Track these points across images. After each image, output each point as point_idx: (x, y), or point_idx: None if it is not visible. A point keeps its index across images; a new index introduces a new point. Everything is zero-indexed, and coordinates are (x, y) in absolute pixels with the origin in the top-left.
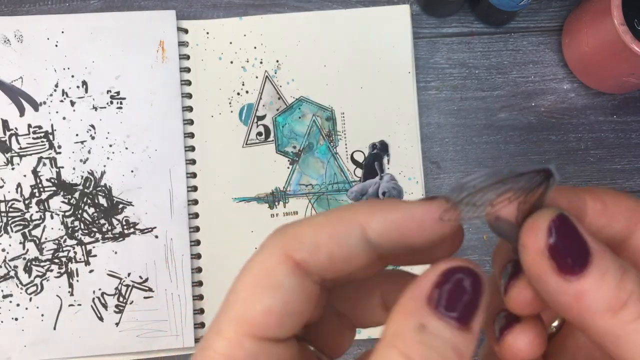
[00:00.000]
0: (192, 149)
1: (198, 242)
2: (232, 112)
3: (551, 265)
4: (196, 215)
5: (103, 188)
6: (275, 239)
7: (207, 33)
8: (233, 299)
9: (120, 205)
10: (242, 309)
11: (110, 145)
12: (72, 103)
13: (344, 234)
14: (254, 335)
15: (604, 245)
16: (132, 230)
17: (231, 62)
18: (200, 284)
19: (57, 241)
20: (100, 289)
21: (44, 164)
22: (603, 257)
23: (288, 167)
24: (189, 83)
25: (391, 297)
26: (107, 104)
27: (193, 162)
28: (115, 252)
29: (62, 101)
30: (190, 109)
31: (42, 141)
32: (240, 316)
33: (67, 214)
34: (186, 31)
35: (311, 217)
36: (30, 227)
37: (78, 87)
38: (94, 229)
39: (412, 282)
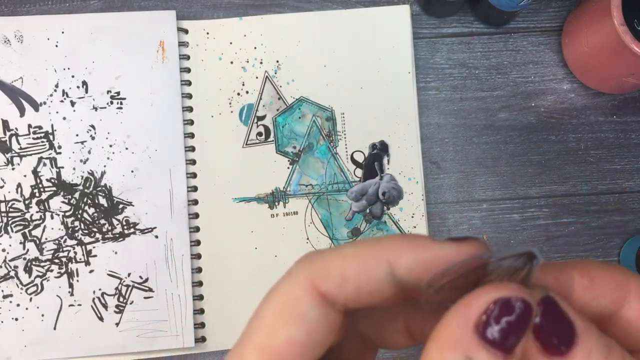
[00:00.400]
0: (192, 149)
1: (198, 242)
2: (232, 112)
3: (536, 346)
4: (196, 216)
5: (103, 188)
6: (302, 267)
7: (207, 33)
8: (256, 326)
9: (121, 206)
10: (266, 337)
11: (111, 146)
12: (73, 103)
13: (372, 268)
14: None
15: (590, 323)
16: (132, 230)
17: (231, 63)
18: (200, 284)
19: (57, 241)
20: (100, 289)
21: (44, 164)
22: (588, 335)
23: (288, 167)
24: (189, 83)
25: (415, 323)
26: (107, 104)
27: (193, 162)
28: (116, 252)
29: (62, 101)
30: (190, 109)
31: (42, 141)
32: (264, 344)
33: (67, 214)
34: (186, 31)
35: (340, 248)
36: (31, 227)
37: (78, 87)
38: (94, 229)
39: (454, 307)
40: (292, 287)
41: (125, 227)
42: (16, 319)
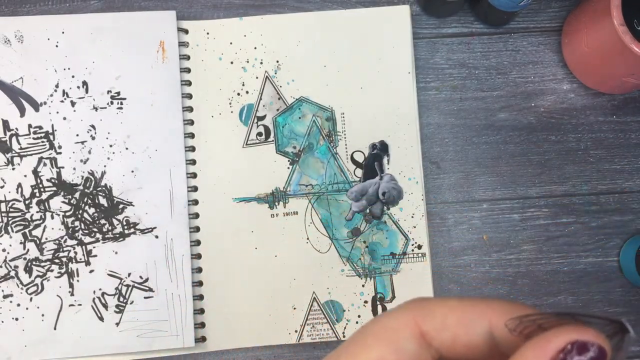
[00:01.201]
0: (193, 149)
1: (198, 242)
2: (232, 112)
3: None
4: (196, 216)
5: (103, 188)
6: (410, 305)
7: (208, 33)
8: (356, 340)
9: (121, 206)
10: (362, 349)
11: (111, 146)
12: (73, 103)
13: (472, 323)
14: None
15: None
16: (132, 230)
17: (231, 63)
18: (200, 284)
19: (57, 241)
20: (100, 289)
21: (45, 164)
22: None
23: (288, 167)
24: (189, 83)
25: None
26: (108, 104)
27: (193, 162)
28: (116, 252)
29: (62, 101)
30: (190, 109)
31: (42, 141)
32: (358, 355)
33: (67, 214)
34: (186, 31)
35: (446, 298)
36: (31, 227)
37: (78, 87)
38: (95, 229)
39: (535, 339)
40: (396, 317)
41: (125, 227)
42: (16, 319)
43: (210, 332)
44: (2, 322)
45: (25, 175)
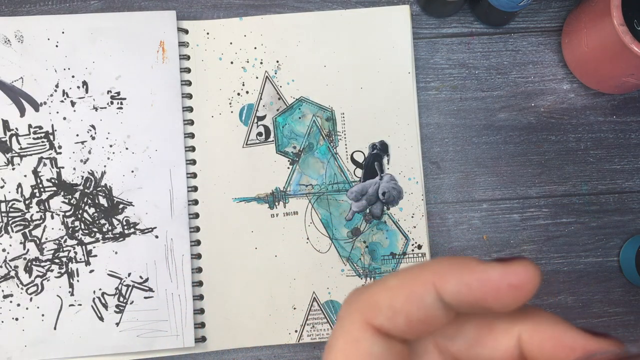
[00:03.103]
0: (193, 149)
1: (198, 242)
2: (232, 112)
3: None
4: (196, 216)
5: (103, 188)
6: (350, 307)
7: (208, 33)
8: None
9: (121, 206)
10: None
11: (111, 146)
12: (73, 103)
13: (419, 296)
14: None
15: None
16: (132, 230)
17: (231, 63)
18: (200, 284)
19: (57, 241)
20: (100, 289)
21: (45, 164)
22: None
23: (288, 167)
24: (189, 83)
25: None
26: (108, 104)
27: (193, 162)
28: (116, 252)
29: (62, 101)
30: (190, 109)
31: (42, 141)
32: None
33: (67, 214)
34: (186, 31)
35: (384, 280)
36: (31, 227)
37: (78, 87)
38: (95, 229)
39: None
40: (349, 330)
41: (125, 227)
42: (16, 319)
43: (210, 332)
44: (2, 322)
45: (25, 175)
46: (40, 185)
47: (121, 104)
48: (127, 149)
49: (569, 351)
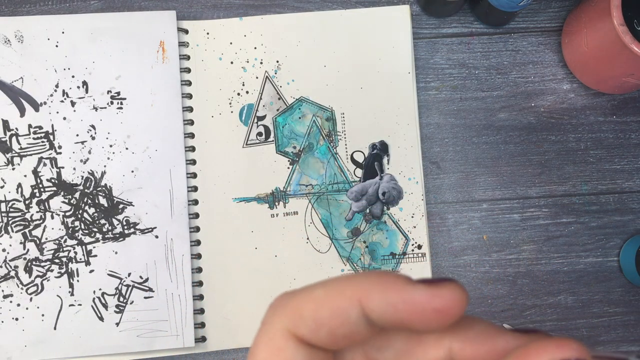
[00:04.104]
0: (193, 149)
1: (198, 242)
2: (232, 112)
3: None
4: (196, 216)
5: (103, 188)
6: (276, 314)
7: (208, 33)
8: None
9: (121, 206)
10: None
11: (111, 146)
12: (73, 103)
13: (343, 311)
14: None
15: None
16: (132, 230)
17: (231, 63)
18: (200, 284)
19: (57, 241)
20: (100, 289)
21: (45, 164)
22: None
23: (288, 167)
24: (189, 83)
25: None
26: (108, 104)
27: (193, 162)
28: (116, 252)
29: (62, 101)
30: (190, 109)
31: (42, 141)
32: None
33: (67, 214)
34: (186, 31)
35: (312, 288)
36: (31, 227)
37: (78, 87)
38: (95, 229)
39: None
40: (271, 338)
41: (125, 227)
42: (16, 319)
43: (210, 332)
44: (2, 322)
45: (25, 175)
46: (40, 185)
47: (121, 104)
48: (127, 149)
49: (502, 354)
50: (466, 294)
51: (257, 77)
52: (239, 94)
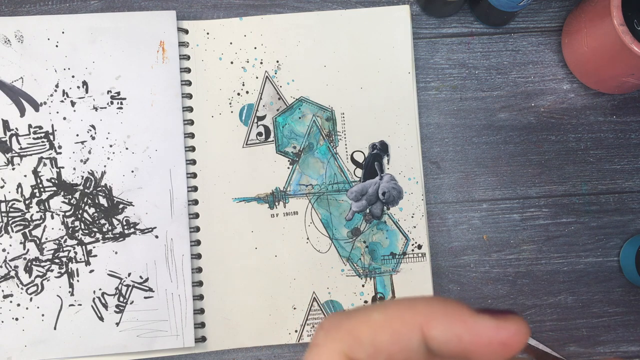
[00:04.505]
0: (193, 149)
1: (198, 242)
2: (232, 112)
3: None
4: (196, 216)
5: (103, 188)
6: (329, 335)
7: (208, 33)
8: None
9: (121, 206)
10: None
11: (111, 146)
12: (73, 103)
13: (404, 338)
14: None
15: None
16: (132, 230)
17: (231, 63)
18: (200, 284)
19: (57, 241)
20: (100, 289)
21: (45, 164)
22: None
23: (288, 167)
24: (189, 83)
25: None
26: (108, 104)
27: (193, 162)
28: (116, 252)
29: (62, 101)
30: (190, 109)
31: (42, 141)
32: None
33: (67, 214)
34: (186, 31)
35: (368, 312)
36: (31, 227)
37: (78, 87)
38: (95, 229)
39: None
40: (327, 356)
41: (125, 227)
42: (16, 319)
43: (210, 332)
44: (2, 322)
45: (25, 175)
46: (40, 185)
47: (121, 104)
48: (127, 149)
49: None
50: (529, 328)
51: (257, 77)
52: (239, 94)
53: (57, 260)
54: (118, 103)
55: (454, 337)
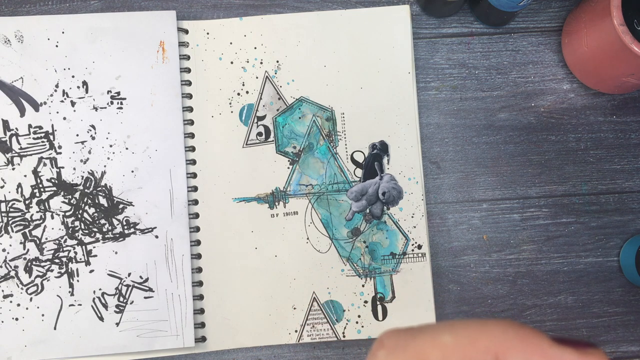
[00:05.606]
0: (193, 149)
1: (198, 242)
2: (232, 112)
3: None
4: (196, 216)
5: (103, 188)
6: (393, 355)
7: (208, 33)
8: None
9: (121, 206)
10: None
11: (111, 146)
12: (73, 103)
13: None
14: None
15: None
16: (132, 230)
17: (231, 63)
18: (200, 284)
19: (57, 241)
20: (100, 289)
21: (45, 164)
22: None
23: (288, 167)
24: (189, 83)
25: None
26: (108, 104)
27: (193, 162)
28: (116, 252)
29: (62, 101)
30: (190, 109)
31: (42, 141)
32: None
33: (67, 214)
34: (186, 31)
35: (436, 333)
36: (31, 227)
37: (78, 87)
38: (95, 229)
39: None
40: None
41: (125, 227)
42: (16, 319)
43: (210, 332)
44: (2, 322)
45: (25, 175)
46: (40, 185)
47: (121, 104)
48: (127, 149)
49: None
50: None
51: (257, 77)
52: (239, 94)
53: (57, 260)
54: (118, 103)
55: None
